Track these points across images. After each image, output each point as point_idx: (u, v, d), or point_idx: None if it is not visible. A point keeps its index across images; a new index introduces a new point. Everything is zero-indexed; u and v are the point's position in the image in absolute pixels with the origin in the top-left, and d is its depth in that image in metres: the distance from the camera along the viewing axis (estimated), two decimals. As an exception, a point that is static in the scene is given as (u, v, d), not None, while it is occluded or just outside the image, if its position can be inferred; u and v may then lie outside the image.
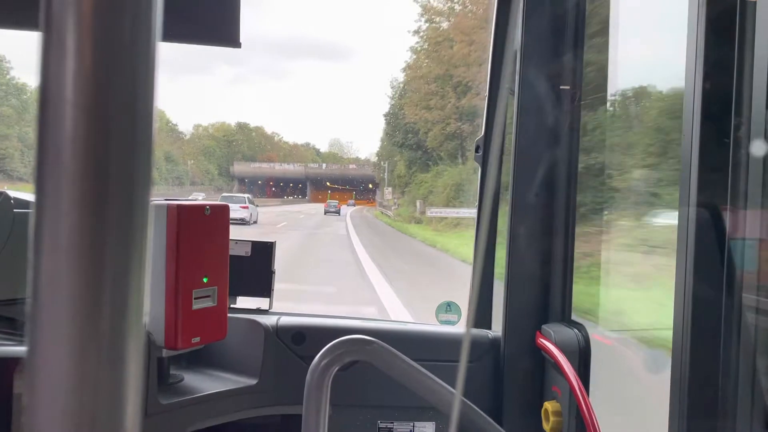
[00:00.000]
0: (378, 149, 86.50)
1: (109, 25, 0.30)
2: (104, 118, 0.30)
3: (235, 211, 26.23)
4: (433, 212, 33.00)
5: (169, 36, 1.40)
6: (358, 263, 16.79)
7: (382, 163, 71.82)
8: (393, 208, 51.38)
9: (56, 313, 0.30)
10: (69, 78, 0.30)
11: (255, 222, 30.09)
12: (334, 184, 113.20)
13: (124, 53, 0.31)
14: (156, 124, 0.32)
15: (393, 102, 56.64)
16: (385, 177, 65.94)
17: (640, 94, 2.53)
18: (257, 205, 34.13)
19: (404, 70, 54.21)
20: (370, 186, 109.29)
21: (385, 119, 58.62)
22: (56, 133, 0.30)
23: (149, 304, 1.72)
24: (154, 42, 0.32)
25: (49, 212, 0.30)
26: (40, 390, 0.30)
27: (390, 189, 59.07)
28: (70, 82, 0.30)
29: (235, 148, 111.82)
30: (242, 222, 27.56)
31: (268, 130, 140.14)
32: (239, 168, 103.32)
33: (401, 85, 55.39)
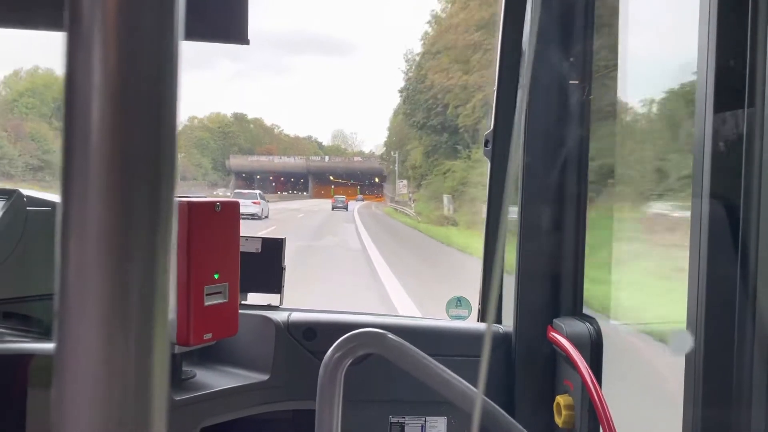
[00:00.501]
0: (385, 139, 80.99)
1: (133, 22, 0.30)
2: (129, 115, 0.31)
3: (248, 207, 27.90)
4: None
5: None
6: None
7: (392, 153, 66.73)
8: (410, 204, 43.65)
9: (84, 308, 0.30)
10: (94, 76, 0.30)
11: (266, 217, 31.00)
12: (338, 178, 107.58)
13: (148, 51, 0.31)
14: (179, 120, 0.32)
15: (409, 75, 46.99)
16: (396, 169, 61.66)
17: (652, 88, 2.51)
18: (268, 201, 35.16)
19: (431, 23, 44.74)
20: (377, 180, 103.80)
21: (402, 96, 48.67)
22: (83, 130, 0.30)
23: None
24: (177, 38, 0.32)
25: (76, 208, 0.30)
26: (69, 385, 0.30)
27: (404, 182, 52.55)
28: (96, 81, 0.30)
29: (232, 140, 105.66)
30: (254, 217, 28.80)
31: (268, 122, 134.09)
32: (236, 161, 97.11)
33: (428, 43, 43.46)
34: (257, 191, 35.12)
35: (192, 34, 1.38)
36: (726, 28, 1.20)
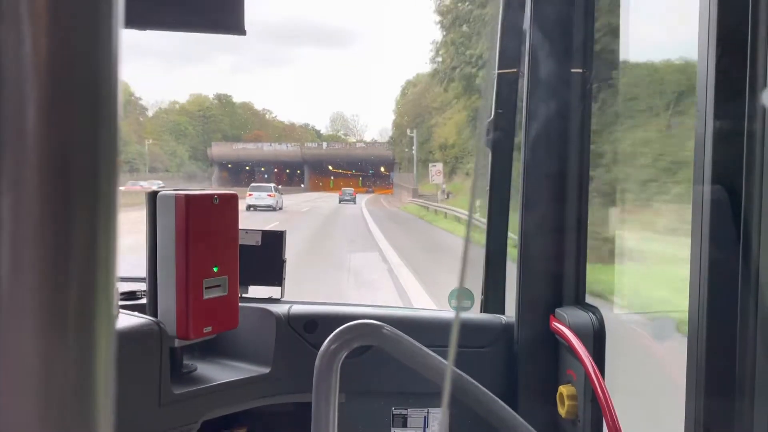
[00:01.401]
0: (395, 119, 71.36)
1: (68, 9, 0.29)
2: (65, 101, 0.29)
3: (264, 199, 30.94)
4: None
5: (174, 25, 1.39)
6: None
7: (408, 132, 55.06)
8: (443, 198, 31.19)
9: (20, 306, 0.29)
10: (26, 64, 0.28)
11: (281, 208, 32.40)
12: (338, 168, 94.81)
13: (82, 34, 0.29)
14: (121, 110, 0.31)
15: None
16: (414, 153, 50.19)
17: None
18: (282, 193, 36.44)
19: None
20: (383, 170, 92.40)
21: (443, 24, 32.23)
22: (14, 121, 0.29)
23: (161, 294, 1.72)
24: (116, 25, 0.30)
25: (8, 201, 0.29)
26: (5, 386, 0.29)
27: (438, 166, 33.23)
28: (27, 66, 0.28)
29: (214, 125, 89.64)
30: (270, 208, 30.80)
31: (258, 107, 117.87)
32: (218, 150, 79.82)
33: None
34: (272, 185, 36.31)
35: (189, 25, 1.37)
36: (727, 12, 1.18)
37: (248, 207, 29.72)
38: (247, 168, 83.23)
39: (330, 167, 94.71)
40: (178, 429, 1.67)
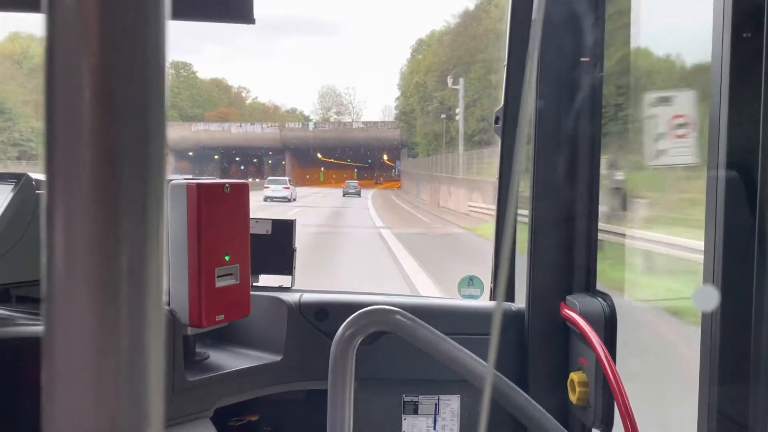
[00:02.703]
0: (404, 88, 55.75)
1: (116, 5, 0.29)
2: (114, 98, 0.29)
3: (279, 191, 34.94)
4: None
5: (184, 14, 1.39)
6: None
7: (450, 81, 34.70)
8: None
9: (73, 293, 0.29)
10: (76, 61, 0.29)
11: (294, 199, 36.15)
12: (329, 156, 78.50)
13: (132, 31, 0.30)
14: (168, 104, 0.31)
15: None
16: (460, 116, 31.03)
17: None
18: (295, 186, 39.37)
19: None
20: (385, 159, 78.76)
21: None
22: (66, 114, 0.29)
23: (173, 283, 1.73)
24: (164, 20, 0.30)
25: (62, 191, 0.29)
26: (58, 370, 0.30)
27: None
28: (78, 65, 0.29)
29: (169, 101, 74.50)
30: (285, 200, 34.60)
31: (233, 84, 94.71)
32: (173, 133, 62.33)
33: None
34: (287, 178, 39.70)
35: (199, 15, 1.37)
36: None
37: (265, 198, 33.44)
38: (216, 157, 71.50)
39: (319, 155, 77.51)
40: (191, 416, 1.69)
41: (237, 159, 70.65)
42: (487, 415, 0.48)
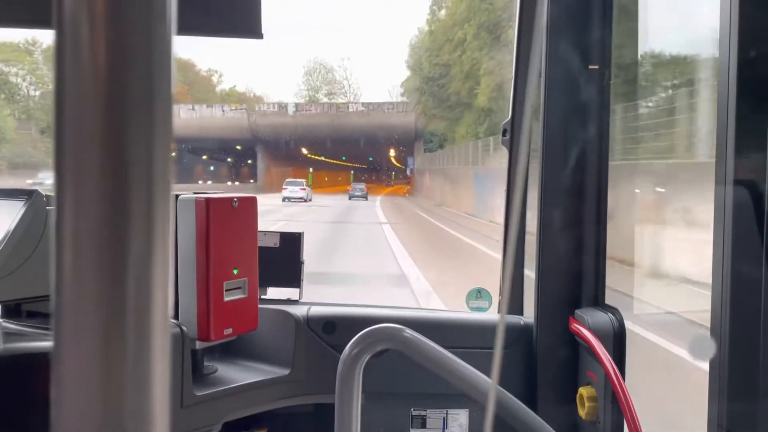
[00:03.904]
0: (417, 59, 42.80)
1: (124, 18, 0.30)
2: (122, 112, 0.30)
3: (296, 192, 36.73)
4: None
5: (190, 29, 1.40)
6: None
7: None
8: None
9: (81, 309, 0.30)
10: (84, 74, 0.29)
11: (311, 200, 37.91)
12: (316, 152, 59.87)
13: (139, 45, 0.30)
14: (173, 116, 0.32)
15: None
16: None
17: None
18: (311, 186, 40.97)
19: None
20: (392, 158, 59.74)
21: None
22: (74, 129, 0.30)
23: (182, 297, 1.74)
24: (170, 33, 0.31)
25: (70, 209, 0.30)
26: (67, 384, 0.30)
27: None
28: (86, 78, 0.29)
29: None
30: (302, 200, 36.44)
31: (201, 67, 71.72)
32: None
33: None
34: (303, 180, 40.98)
35: (206, 30, 1.38)
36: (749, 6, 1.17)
37: (284, 199, 35.49)
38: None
39: (304, 150, 57.27)
40: (199, 430, 1.69)
41: (204, 157, 51.61)
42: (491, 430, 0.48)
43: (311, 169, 60.07)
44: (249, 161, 56.95)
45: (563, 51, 1.90)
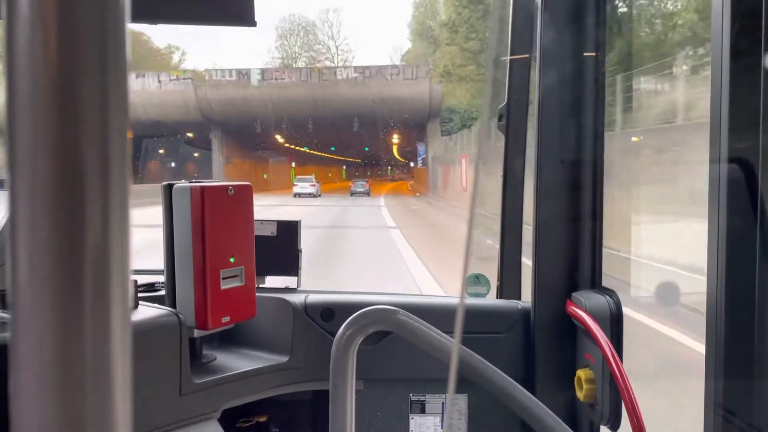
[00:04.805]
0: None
1: (75, 10, 0.30)
2: (75, 101, 0.30)
3: (306, 188, 37.36)
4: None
5: (185, 18, 1.40)
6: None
7: None
8: None
9: (37, 299, 0.30)
10: (37, 66, 0.29)
11: (319, 195, 38.72)
12: (297, 140, 44.36)
13: (92, 35, 0.30)
14: (130, 109, 0.31)
15: None
16: None
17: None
18: (319, 183, 41.75)
19: None
20: (394, 145, 44.74)
21: None
22: (27, 120, 0.30)
23: (179, 285, 1.74)
24: (124, 22, 0.31)
25: (24, 200, 0.30)
26: (25, 377, 0.30)
27: None
28: (38, 71, 0.29)
29: None
30: (312, 195, 37.08)
31: (159, 45, 57.63)
32: None
33: None
34: (312, 176, 40.71)
35: (200, 18, 1.38)
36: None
37: (294, 194, 36.41)
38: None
39: (279, 138, 41.98)
40: (199, 418, 1.70)
41: (161, 150, 38.80)
42: (484, 413, 0.48)
43: (293, 164, 49.10)
44: (196, 154, 41.20)
45: (558, 38, 1.89)
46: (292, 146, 46.28)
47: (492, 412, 1.99)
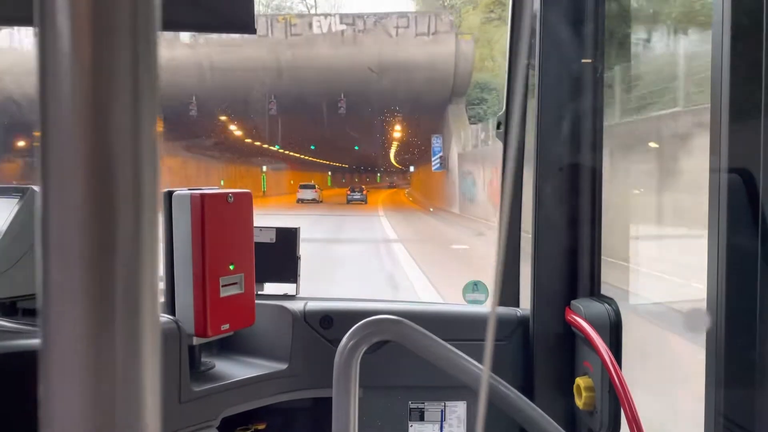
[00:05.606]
0: None
1: (107, 16, 0.30)
2: (107, 108, 0.30)
3: (309, 195, 41.90)
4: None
5: (184, 26, 1.40)
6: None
7: None
8: None
9: (68, 305, 0.30)
10: (68, 74, 0.29)
11: (321, 201, 43.83)
12: (262, 137, 32.75)
13: (123, 42, 0.30)
14: (160, 114, 0.32)
15: None
16: None
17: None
18: (321, 189, 48.18)
19: None
20: (394, 141, 34.92)
21: None
22: (59, 126, 0.30)
23: (178, 293, 1.74)
24: (155, 31, 0.31)
25: (55, 206, 0.30)
26: (55, 382, 0.30)
27: None
28: (70, 79, 0.29)
29: None
30: (314, 201, 41.95)
31: None
32: None
33: None
34: (314, 183, 46.88)
35: (201, 26, 1.38)
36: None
37: (298, 200, 41.00)
38: None
39: (235, 129, 32.96)
40: (198, 426, 1.69)
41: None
42: (484, 419, 0.48)
43: (265, 168, 41.01)
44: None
45: (556, 44, 1.90)
46: (256, 143, 35.23)
47: (491, 419, 1.99)
